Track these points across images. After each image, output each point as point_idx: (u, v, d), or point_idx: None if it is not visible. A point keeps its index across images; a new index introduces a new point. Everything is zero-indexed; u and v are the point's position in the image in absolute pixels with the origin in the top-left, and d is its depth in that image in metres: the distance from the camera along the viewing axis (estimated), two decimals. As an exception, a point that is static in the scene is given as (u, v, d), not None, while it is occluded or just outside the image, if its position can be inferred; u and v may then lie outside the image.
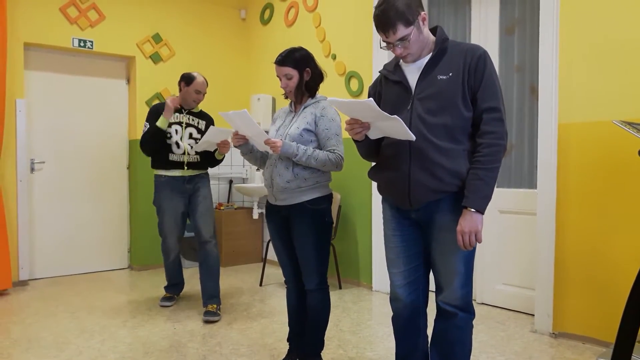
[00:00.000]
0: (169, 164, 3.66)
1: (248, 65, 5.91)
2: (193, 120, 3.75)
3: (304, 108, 2.55)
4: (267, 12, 5.56)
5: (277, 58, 2.51)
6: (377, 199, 4.35)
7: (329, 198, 2.57)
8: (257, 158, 2.68)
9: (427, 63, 1.94)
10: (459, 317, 1.99)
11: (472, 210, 1.84)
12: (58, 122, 4.92)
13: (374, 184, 4.35)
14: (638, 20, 2.86)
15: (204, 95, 3.73)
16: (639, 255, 2.86)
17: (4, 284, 4.26)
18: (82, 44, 4.87)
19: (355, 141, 2.04)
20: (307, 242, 2.50)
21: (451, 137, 1.89)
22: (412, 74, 1.98)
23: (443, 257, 1.96)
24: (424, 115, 1.91)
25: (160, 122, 3.56)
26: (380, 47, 1.99)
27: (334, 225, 4.42)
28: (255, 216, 5.53)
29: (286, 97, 2.61)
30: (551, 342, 3.14)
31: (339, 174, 4.51)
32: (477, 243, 1.89)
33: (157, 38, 5.28)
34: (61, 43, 4.76)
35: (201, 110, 3.84)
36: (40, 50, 4.78)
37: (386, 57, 4.23)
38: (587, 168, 3.08)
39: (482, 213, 1.85)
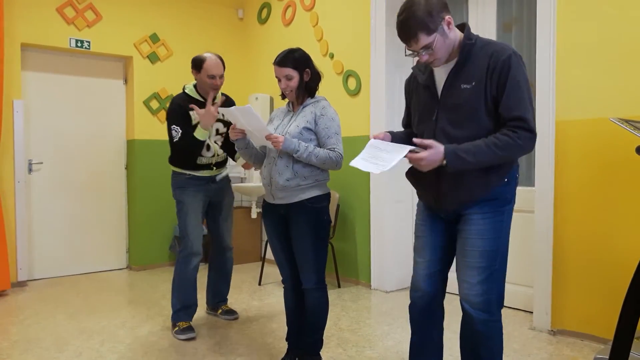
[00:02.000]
0: (196, 167, 3.35)
1: (246, 65, 5.91)
2: (218, 113, 3.29)
3: (304, 107, 2.56)
4: (265, 12, 5.56)
5: (276, 59, 2.50)
6: (375, 197, 4.35)
7: (327, 197, 2.58)
8: (252, 155, 2.67)
9: (452, 70, 1.91)
10: (476, 320, 1.93)
11: (444, 155, 1.79)
12: (56, 122, 4.91)
13: (372, 183, 4.36)
14: (634, 18, 2.86)
15: (221, 78, 3.26)
16: (637, 252, 2.86)
17: (2, 285, 4.25)
18: (79, 44, 4.86)
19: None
20: (305, 241, 2.50)
21: None
22: (441, 77, 1.95)
23: (464, 250, 1.95)
24: (448, 129, 1.90)
25: (200, 135, 3.16)
26: (405, 55, 1.96)
27: (332, 224, 4.43)
28: (254, 215, 5.53)
29: (283, 98, 2.61)
30: (550, 339, 3.15)
31: (338, 172, 4.51)
32: (499, 238, 1.91)
33: (154, 38, 5.28)
34: (58, 43, 4.75)
35: (222, 93, 3.45)
36: (37, 51, 4.77)
37: (384, 56, 4.24)
38: (584, 165, 3.08)
39: (448, 167, 1.80)
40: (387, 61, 4.23)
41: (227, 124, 3.44)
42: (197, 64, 3.24)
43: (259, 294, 4.30)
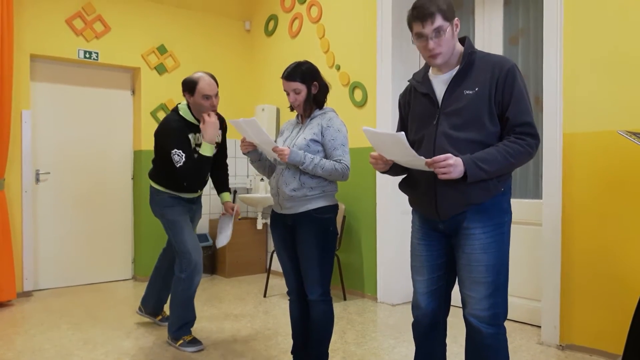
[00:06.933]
0: (184, 189, 3.26)
1: (252, 76, 5.94)
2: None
3: (311, 119, 2.58)
4: (272, 24, 5.59)
5: (284, 73, 2.53)
6: (381, 209, 4.34)
7: (334, 208, 2.57)
8: (266, 167, 2.69)
9: (454, 77, 1.94)
10: (485, 334, 1.93)
11: (464, 167, 1.79)
12: (63, 133, 4.93)
13: (379, 195, 4.35)
14: (642, 30, 2.86)
15: (216, 97, 3.10)
16: (647, 266, 2.83)
17: (8, 294, 4.26)
18: (87, 56, 4.90)
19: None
20: (311, 252, 2.49)
21: (476, 151, 1.86)
22: (440, 86, 1.98)
23: (469, 266, 1.94)
24: (449, 131, 1.90)
25: (207, 150, 3.01)
26: (412, 43, 1.97)
27: (338, 235, 4.41)
28: (259, 226, 5.52)
29: (292, 110, 2.62)
30: (558, 354, 3.11)
31: (343, 184, 4.50)
32: (502, 251, 1.91)
33: (162, 49, 5.31)
34: (67, 54, 4.80)
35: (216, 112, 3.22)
36: (46, 62, 4.82)
37: (390, 68, 4.24)
38: (592, 178, 3.06)
39: (469, 177, 1.80)
40: (394, 72, 4.24)
41: (217, 144, 3.28)
42: (190, 86, 3.06)
43: (264, 306, 4.28)
